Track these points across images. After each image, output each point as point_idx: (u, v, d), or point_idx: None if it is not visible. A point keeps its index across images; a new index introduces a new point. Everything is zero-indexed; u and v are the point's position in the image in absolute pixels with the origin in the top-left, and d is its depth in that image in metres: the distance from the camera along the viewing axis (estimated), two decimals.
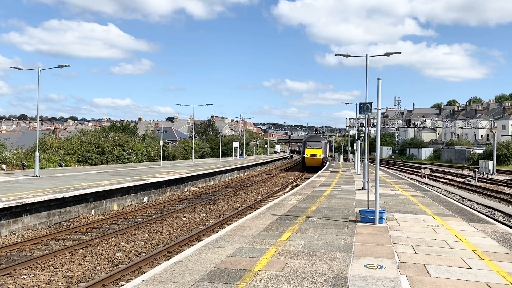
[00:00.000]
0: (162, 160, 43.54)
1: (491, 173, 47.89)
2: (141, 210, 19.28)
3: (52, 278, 9.75)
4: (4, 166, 29.08)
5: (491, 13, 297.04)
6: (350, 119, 56.95)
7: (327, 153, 53.80)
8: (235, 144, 64.76)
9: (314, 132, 69.15)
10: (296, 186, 27.94)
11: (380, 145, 12.72)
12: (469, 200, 25.29)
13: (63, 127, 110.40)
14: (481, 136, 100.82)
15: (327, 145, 55.83)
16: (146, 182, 22.38)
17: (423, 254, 8.25)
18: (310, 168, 48.26)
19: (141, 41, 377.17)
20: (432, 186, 32.44)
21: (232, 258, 7.80)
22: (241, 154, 68.38)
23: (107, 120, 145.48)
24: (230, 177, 39.18)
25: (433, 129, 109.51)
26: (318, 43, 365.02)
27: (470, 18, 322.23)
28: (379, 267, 7.32)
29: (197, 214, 18.76)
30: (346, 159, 73.54)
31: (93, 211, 18.19)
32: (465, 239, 9.79)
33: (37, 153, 24.31)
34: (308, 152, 49.64)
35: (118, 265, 11.02)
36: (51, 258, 11.23)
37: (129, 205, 20.86)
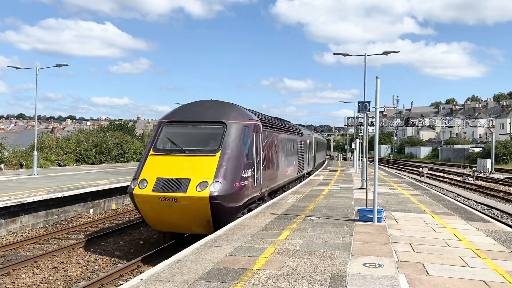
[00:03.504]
0: None
1: (489, 171, 47.99)
2: None
3: (50, 278, 9.75)
4: (2, 166, 29.02)
5: (489, 11, 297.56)
6: (348, 118, 56.93)
7: (257, 170, 12.72)
8: None
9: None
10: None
11: (379, 144, 12.70)
12: (467, 198, 25.33)
13: (61, 127, 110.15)
14: (480, 134, 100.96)
15: (255, 135, 12.70)
16: None
17: (421, 253, 8.25)
18: (166, 233, 12.24)
19: (139, 40, 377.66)
20: (431, 184, 32.47)
21: (230, 257, 7.80)
22: None
23: (106, 119, 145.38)
24: None
25: (432, 128, 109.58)
26: (316, 42, 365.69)
27: (469, 16, 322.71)
28: (377, 265, 7.32)
29: None
30: (344, 158, 73.55)
31: (91, 210, 18.18)
32: (463, 237, 9.79)
33: (35, 153, 24.27)
34: (150, 172, 10.95)
35: (116, 264, 11.02)
36: (50, 257, 11.23)
37: (127, 204, 20.84)
